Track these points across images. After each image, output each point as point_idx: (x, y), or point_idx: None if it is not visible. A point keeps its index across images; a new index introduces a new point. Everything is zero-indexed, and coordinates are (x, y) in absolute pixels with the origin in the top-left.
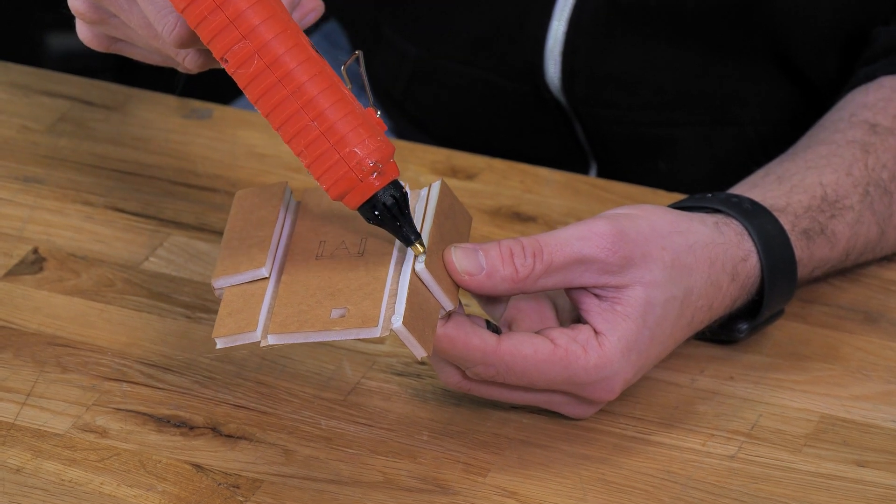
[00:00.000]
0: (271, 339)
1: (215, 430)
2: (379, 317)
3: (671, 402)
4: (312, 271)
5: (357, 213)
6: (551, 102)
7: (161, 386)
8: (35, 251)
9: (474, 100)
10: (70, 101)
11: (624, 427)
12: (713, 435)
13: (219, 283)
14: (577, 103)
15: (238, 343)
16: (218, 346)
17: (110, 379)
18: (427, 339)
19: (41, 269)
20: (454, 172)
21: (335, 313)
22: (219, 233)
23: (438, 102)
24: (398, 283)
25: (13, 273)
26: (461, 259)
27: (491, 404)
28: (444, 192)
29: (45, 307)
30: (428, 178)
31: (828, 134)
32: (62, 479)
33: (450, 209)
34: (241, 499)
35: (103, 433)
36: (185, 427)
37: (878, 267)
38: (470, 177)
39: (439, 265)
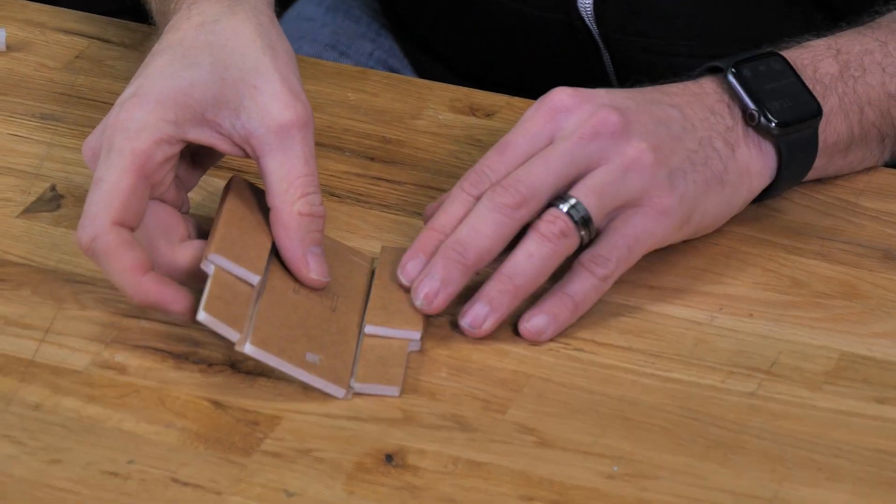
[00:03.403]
0: (248, 349)
1: (234, 367)
2: (348, 381)
3: (690, 339)
4: (289, 304)
5: (334, 276)
6: (582, 32)
7: (179, 323)
8: (53, 188)
9: (502, 32)
10: (87, 39)
11: (643, 364)
12: (732, 372)
13: (216, 259)
14: (609, 31)
15: (217, 330)
16: (199, 318)
17: (129, 316)
18: (396, 377)
19: (59, 206)
20: (472, 111)
21: (310, 357)
22: (230, 171)
23: (465, 37)
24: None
25: (31, 210)
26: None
27: (509, 340)
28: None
29: (63, 244)
30: (447, 117)
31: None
32: (81, 416)
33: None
34: (260, 435)
35: (122, 370)
36: (203, 364)
37: None
38: (488, 115)
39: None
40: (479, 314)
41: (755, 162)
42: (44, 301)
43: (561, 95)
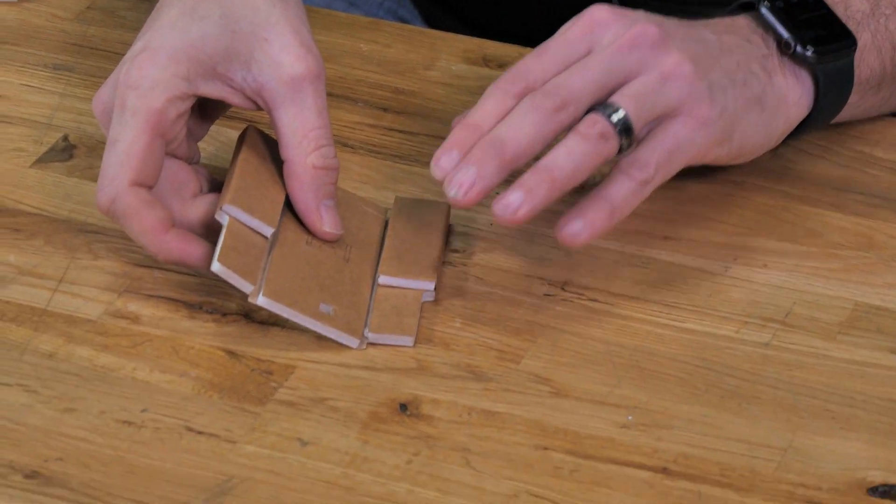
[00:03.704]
0: (261, 301)
1: (248, 317)
2: (362, 331)
3: (704, 289)
4: (302, 255)
5: (347, 227)
6: None
7: (192, 273)
8: (65, 138)
9: None
10: None
11: (657, 314)
12: (747, 322)
13: (231, 210)
14: None
15: (231, 281)
16: (213, 269)
17: (142, 266)
18: (410, 326)
19: (71, 156)
20: (485, 61)
21: (323, 307)
22: (243, 121)
23: None
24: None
25: (43, 160)
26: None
27: (524, 291)
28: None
29: (75, 194)
30: (460, 68)
31: None
32: (94, 365)
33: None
34: (274, 384)
35: (135, 319)
36: (217, 314)
37: None
38: (501, 65)
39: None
40: (513, 200)
41: (792, 91)
42: (57, 250)
43: (600, 10)
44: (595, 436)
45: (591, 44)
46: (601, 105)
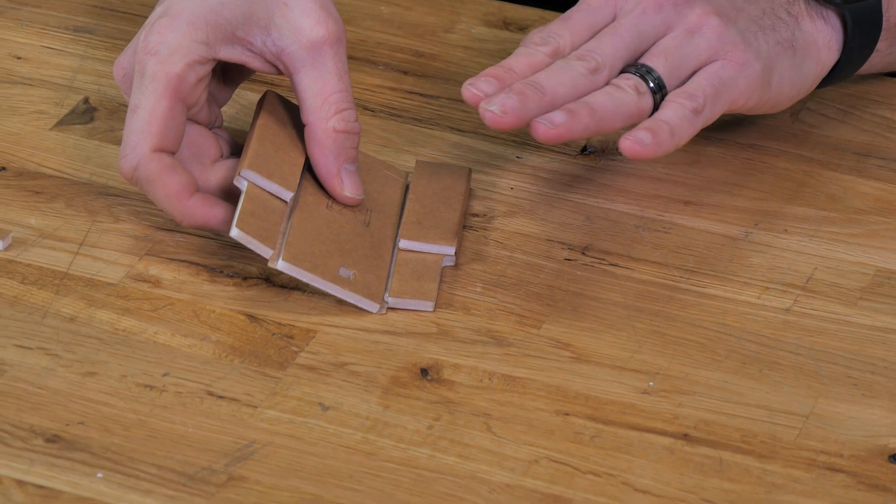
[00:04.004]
0: (281, 265)
1: (269, 281)
2: (382, 296)
3: (725, 255)
4: (322, 219)
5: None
6: None
7: (213, 237)
8: (86, 101)
9: None
10: None
11: (678, 280)
12: (768, 288)
13: (249, 175)
14: None
15: (250, 246)
16: (232, 235)
17: (163, 229)
18: (430, 291)
19: (92, 118)
20: (506, 24)
21: (343, 272)
22: (264, 85)
23: None
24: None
25: (64, 123)
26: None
27: (544, 255)
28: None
29: (95, 157)
30: (480, 31)
31: None
32: (116, 328)
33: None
34: (295, 349)
35: (156, 283)
36: (238, 277)
37: None
38: (521, 28)
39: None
40: (556, 116)
41: (821, 33)
42: (77, 213)
43: None
44: (616, 401)
45: (615, 8)
46: (633, 66)
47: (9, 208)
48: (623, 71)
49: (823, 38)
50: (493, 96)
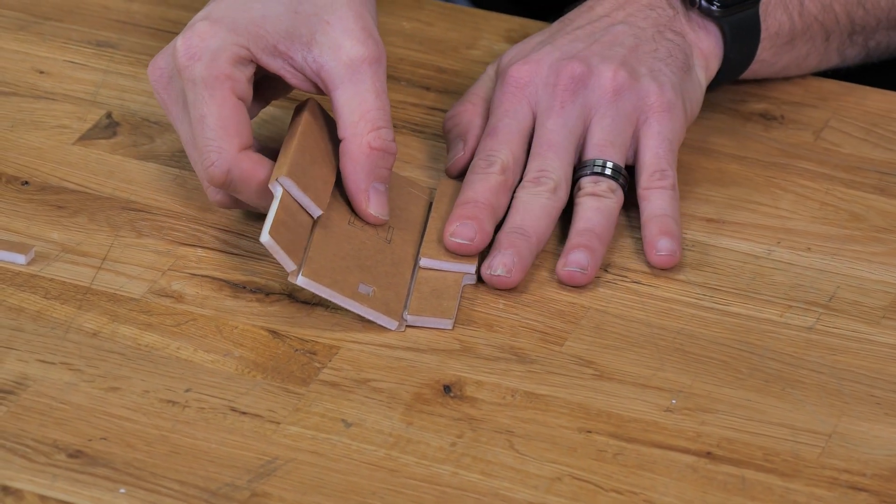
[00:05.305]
0: (301, 281)
1: (291, 297)
2: (401, 313)
3: (748, 272)
4: (344, 235)
5: (391, 207)
6: None
7: (236, 252)
8: (109, 116)
9: None
10: None
11: (700, 297)
12: (790, 306)
13: (286, 183)
14: None
15: (276, 256)
16: (262, 241)
17: (185, 244)
18: (449, 309)
19: (115, 133)
20: None
21: (363, 288)
22: (294, 100)
23: None
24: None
25: (87, 137)
26: None
27: None
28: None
29: (118, 172)
30: (502, 47)
31: None
32: (138, 344)
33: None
34: (318, 365)
35: (179, 298)
36: (261, 293)
37: None
38: None
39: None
40: (580, 260)
41: (704, 43)
42: (100, 228)
43: (515, 72)
44: (638, 419)
45: (530, 105)
46: (587, 166)
47: (32, 223)
48: (580, 170)
49: (707, 48)
50: (490, 261)
